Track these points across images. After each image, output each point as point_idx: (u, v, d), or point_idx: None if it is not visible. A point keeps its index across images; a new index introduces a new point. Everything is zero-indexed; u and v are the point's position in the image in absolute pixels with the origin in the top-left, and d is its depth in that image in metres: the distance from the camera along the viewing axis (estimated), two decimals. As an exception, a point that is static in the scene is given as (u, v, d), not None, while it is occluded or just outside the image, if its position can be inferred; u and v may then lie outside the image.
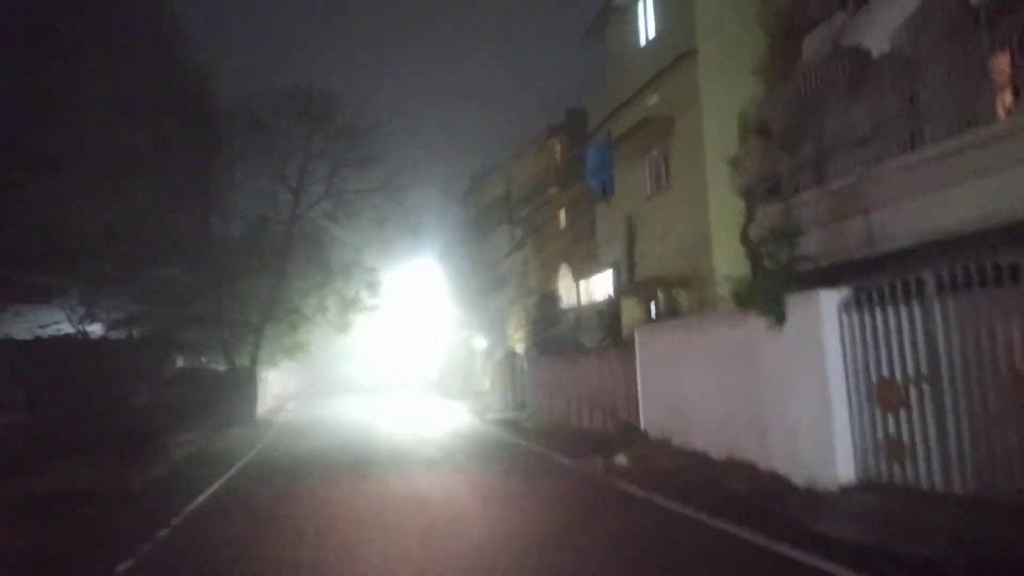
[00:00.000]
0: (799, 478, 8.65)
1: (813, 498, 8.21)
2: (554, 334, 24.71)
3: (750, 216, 14.15)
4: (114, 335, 27.06)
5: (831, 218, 10.67)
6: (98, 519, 9.53)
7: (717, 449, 10.48)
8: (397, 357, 49.23)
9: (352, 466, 13.83)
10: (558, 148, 32.54)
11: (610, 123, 18.44)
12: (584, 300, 27.94)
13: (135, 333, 26.91)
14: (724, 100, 14.71)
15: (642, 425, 13.09)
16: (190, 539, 8.29)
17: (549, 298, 26.34)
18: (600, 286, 26.54)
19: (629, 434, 13.45)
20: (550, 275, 32.17)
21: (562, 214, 31.61)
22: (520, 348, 30.25)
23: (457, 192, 42.47)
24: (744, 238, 14.08)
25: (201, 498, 10.63)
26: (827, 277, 9.37)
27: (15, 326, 25.98)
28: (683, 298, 14.61)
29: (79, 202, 26.07)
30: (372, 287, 27.98)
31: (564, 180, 30.39)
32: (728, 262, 14.11)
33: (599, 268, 26.42)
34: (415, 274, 39.96)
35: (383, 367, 50.51)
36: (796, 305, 8.81)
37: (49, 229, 25.47)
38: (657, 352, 12.83)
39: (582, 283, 28.31)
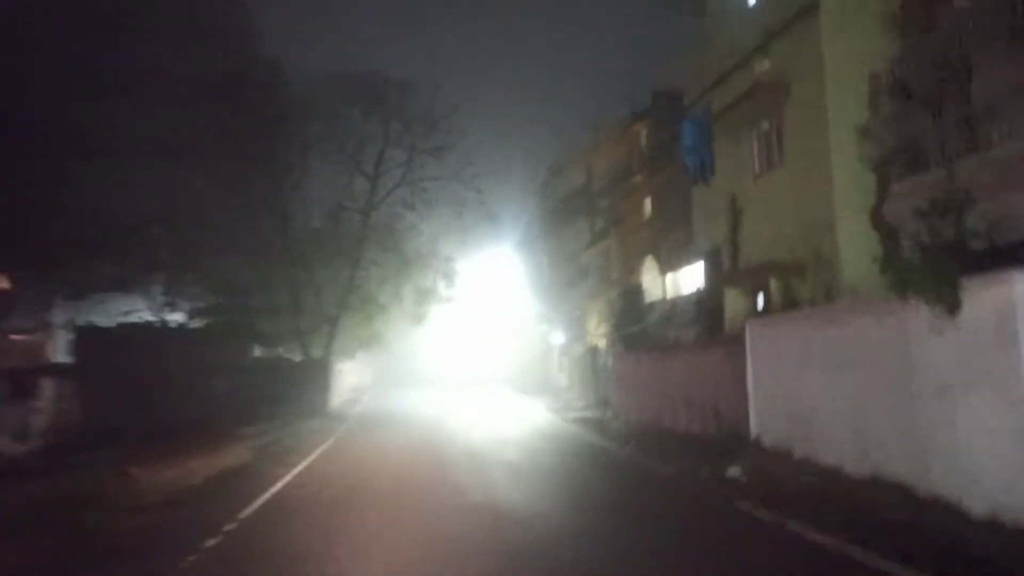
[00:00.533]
0: (977, 507, 6.87)
1: (1001, 534, 6.45)
2: (640, 329, 23.07)
3: (884, 191, 12.23)
4: (194, 324, 27.04)
5: (996, 188, 8.79)
6: (154, 521, 8.65)
7: (855, 465, 8.73)
8: (471, 351, 48.34)
9: (427, 467, 12.70)
10: (643, 134, 30.71)
11: (710, 96, 16.67)
12: (671, 293, 26.15)
13: (214, 322, 26.79)
14: (848, 61, 12.80)
15: (753, 432, 11.39)
16: (241, 548, 7.21)
17: (634, 291, 24.67)
18: (690, 279, 24.70)
19: (737, 442, 11.77)
20: (634, 267, 30.44)
21: (647, 203, 29.79)
22: (602, 344, 28.69)
23: (535, 183, 41.14)
24: (876, 217, 12.17)
25: (260, 501, 9.64)
26: (1004, 257, 7.55)
27: (98, 313, 26.30)
28: (800, 287, 12.77)
29: (156, 191, 26.17)
30: (448, 277, 26.98)
31: (650, 167, 28.60)
32: (854, 246, 12.24)
33: (689, 259, 24.59)
34: (492, 265, 38.86)
35: (457, 361, 49.75)
36: (976, 290, 7.01)
37: (130, 218, 25.62)
38: (774, 348, 11.11)
39: (669, 275, 26.53)
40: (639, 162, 30.65)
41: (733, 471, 9.64)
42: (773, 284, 13.54)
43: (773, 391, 11.06)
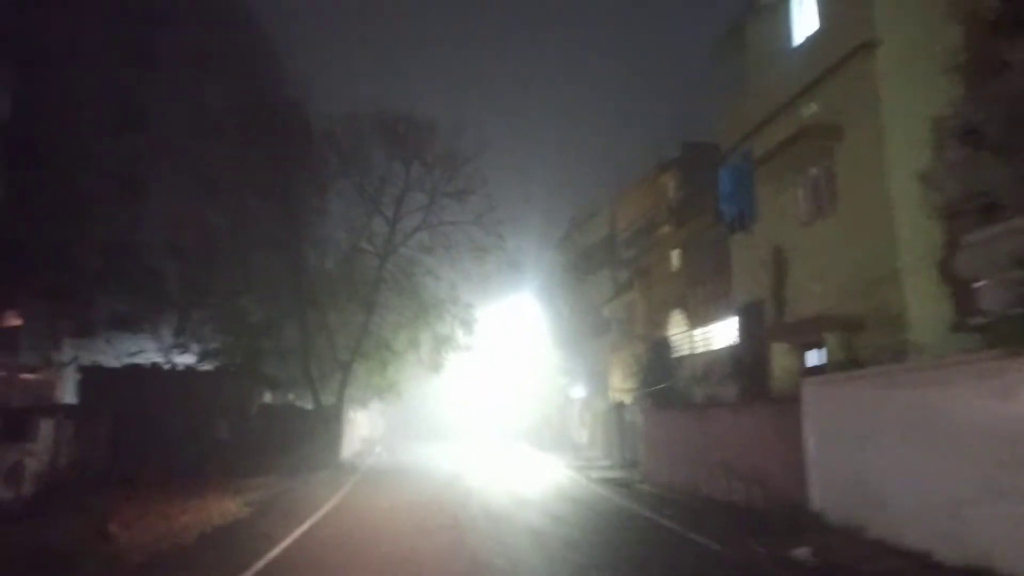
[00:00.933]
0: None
1: None
2: (669, 385, 21.84)
3: (953, 242, 11.19)
4: (203, 367, 26.14)
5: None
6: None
7: (949, 550, 7.48)
8: (487, 403, 46.92)
9: (442, 531, 11.47)
10: (671, 185, 30.03)
11: (750, 141, 15.85)
12: (700, 349, 24.98)
13: (222, 365, 25.88)
14: (908, 103, 11.94)
15: (815, 505, 10.13)
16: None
17: (663, 345, 23.51)
18: (722, 334, 23.59)
19: (790, 515, 10.49)
20: (659, 321, 29.34)
21: (675, 255, 28.84)
22: (626, 399, 27.40)
23: (556, 234, 40.45)
24: (946, 270, 11.11)
25: (254, 569, 8.46)
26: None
27: (106, 353, 25.49)
28: (860, 343, 11.62)
29: (169, 225, 25.61)
30: (467, 324, 25.92)
31: (678, 218, 27.78)
32: (920, 300, 11.14)
33: (720, 314, 23.51)
34: (511, 315, 37.83)
35: (472, 413, 48.31)
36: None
37: (142, 252, 25.04)
38: (837, 411, 9.93)
39: (698, 330, 25.40)
40: (667, 214, 29.84)
41: (800, 552, 8.36)
42: (831, 340, 12.38)
43: (838, 459, 9.83)
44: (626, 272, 35.30)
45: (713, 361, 20.50)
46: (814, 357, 13.60)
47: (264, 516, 13.23)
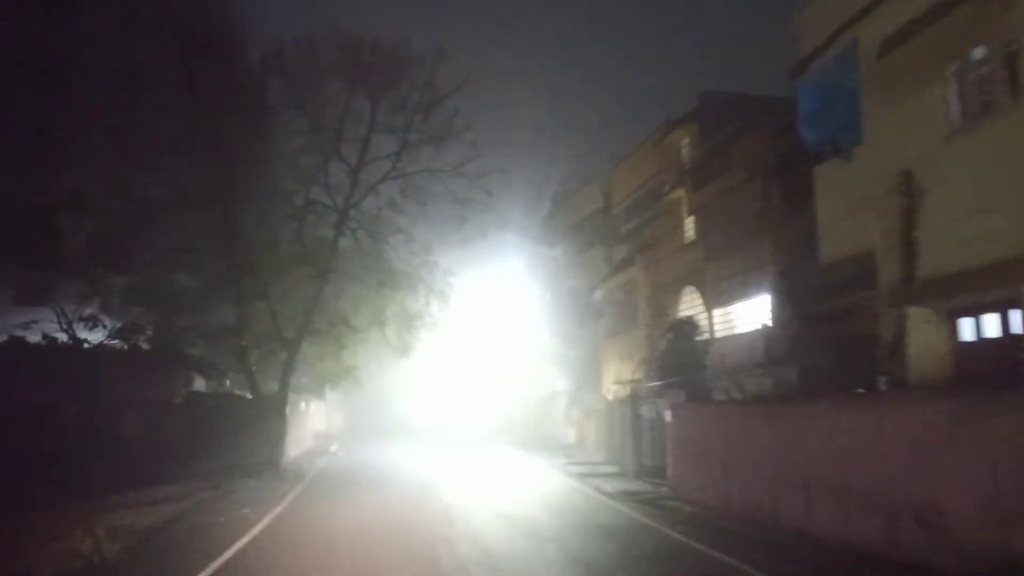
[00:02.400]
0: None
1: None
2: (696, 375, 17.51)
3: None
4: (114, 345, 21.06)
5: None
6: None
7: None
8: (460, 396, 42.10)
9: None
10: (684, 142, 25.73)
11: (853, 33, 11.46)
12: (721, 331, 20.74)
13: (138, 344, 20.85)
14: None
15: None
16: None
17: (687, 326, 19.13)
18: (749, 314, 19.40)
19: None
20: (667, 301, 25.00)
21: (688, 224, 24.61)
22: (627, 392, 23.01)
23: (543, 208, 35.83)
24: None
25: None
26: None
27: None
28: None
29: (68, 171, 20.30)
30: (443, 296, 21.12)
31: (695, 180, 23.51)
32: None
33: (751, 289, 19.32)
34: (493, 292, 33.09)
35: (443, 407, 43.42)
36: None
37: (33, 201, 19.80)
38: None
39: (718, 311, 21.14)
40: (677, 176, 25.55)
41: None
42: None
43: None
44: (624, 248, 30.98)
45: (767, 342, 16.20)
46: (969, 327, 9.28)
47: (135, 559, 8.46)
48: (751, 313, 19.46)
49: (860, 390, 10.66)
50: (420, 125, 20.10)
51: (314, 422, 27.81)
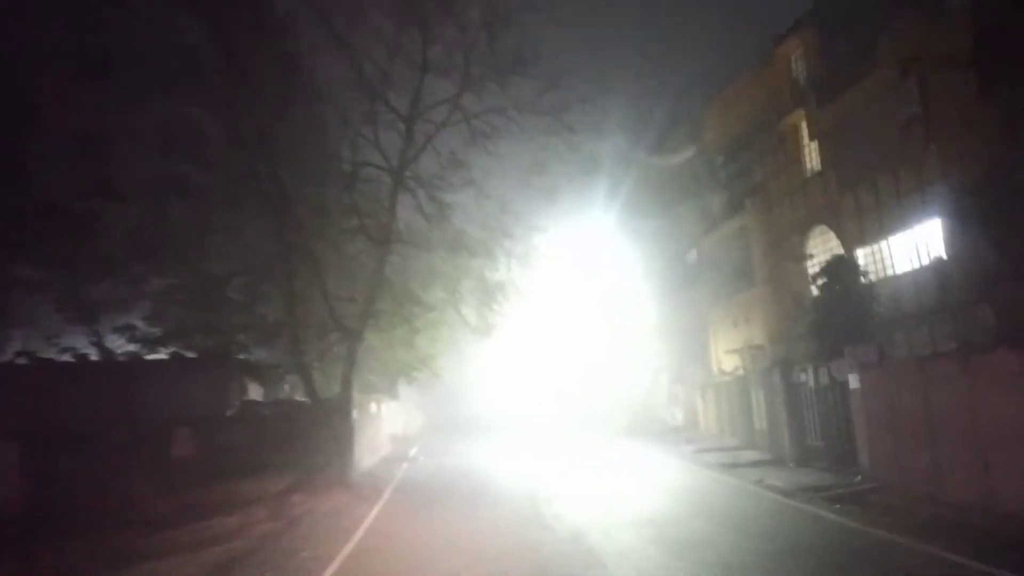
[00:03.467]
0: None
1: None
2: (865, 326, 13.34)
3: None
4: (154, 354, 18.41)
5: None
6: None
7: None
8: (547, 384, 38.33)
9: None
10: (796, 55, 21.35)
11: None
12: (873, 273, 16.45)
13: (181, 350, 18.10)
14: None
15: None
16: None
17: (844, 267, 14.92)
18: (910, 249, 15.18)
19: None
20: (791, 249, 20.71)
21: (810, 152, 20.33)
22: (748, 363, 18.91)
23: (628, 164, 31.53)
24: None
25: None
26: None
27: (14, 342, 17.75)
28: None
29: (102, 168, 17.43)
30: (526, 260, 17.33)
31: (819, 97, 19.18)
32: None
33: (907, 217, 15.11)
34: (579, 261, 29.16)
35: (529, 397, 39.74)
36: None
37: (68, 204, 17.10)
38: None
39: (862, 251, 16.82)
40: (793, 98, 21.20)
41: None
42: None
43: None
44: (724, 197, 26.68)
45: (935, 282, 12.03)
46: None
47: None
48: (912, 248, 15.34)
49: None
50: (481, 57, 16.43)
51: (389, 425, 24.68)
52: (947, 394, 8.99)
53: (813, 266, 17.53)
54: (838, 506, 9.63)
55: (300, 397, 19.81)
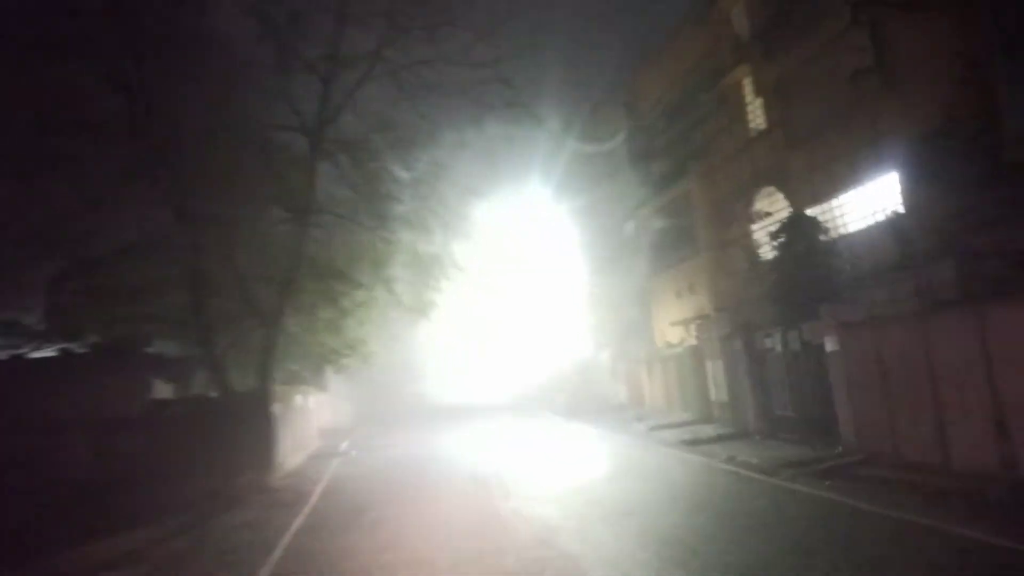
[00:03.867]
0: None
1: None
2: (829, 286, 12.44)
3: None
4: (40, 352, 16.16)
5: None
6: None
7: None
8: (487, 364, 36.90)
9: None
10: (736, 9, 20.41)
11: None
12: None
13: (79, 348, 15.95)
14: None
15: None
16: None
17: (806, 224, 14.00)
18: (862, 206, 14.53)
19: None
20: (737, 212, 19.88)
21: (754, 110, 19.52)
22: (682, 336, 17.99)
23: (565, 131, 30.17)
24: None
25: None
26: None
27: None
28: None
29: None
30: (463, 230, 15.68)
31: (766, 50, 18.28)
32: None
33: (875, 168, 14.39)
34: (520, 235, 27.72)
35: (469, 379, 38.18)
36: None
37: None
38: None
39: (813, 210, 16.01)
40: (733, 55, 20.27)
41: None
42: None
43: None
44: (662, 165, 25.72)
45: (891, 237, 11.27)
46: None
47: None
48: (867, 204, 14.72)
49: None
50: (407, 3, 14.64)
51: (318, 418, 22.77)
52: (955, 351, 8.04)
53: (768, 226, 16.62)
54: (828, 483, 8.60)
55: (216, 393, 17.76)
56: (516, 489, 11.37)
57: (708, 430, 14.93)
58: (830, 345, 10.47)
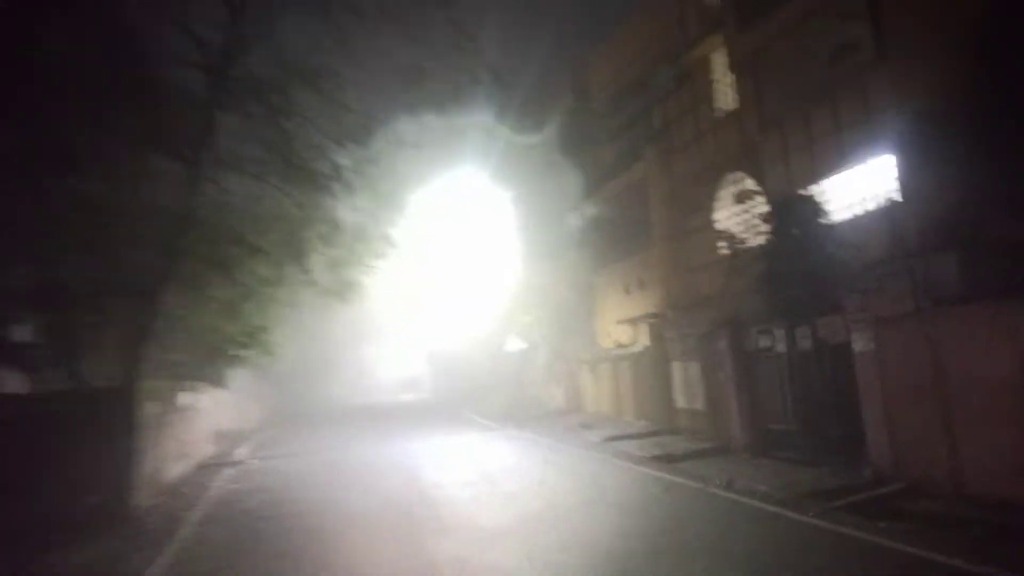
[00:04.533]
0: None
1: None
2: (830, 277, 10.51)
3: None
4: None
5: None
6: None
7: None
8: (410, 363, 34.05)
9: None
10: (705, -25, 18.52)
11: None
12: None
13: None
14: None
15: None
16: None
17: (803, 205, 12.01)
18: (849, 192, 12.86)
19: None
20: (699, 200, 17.96)
21: (722, 88, 17.70)
22: (632, 335, 15.93)
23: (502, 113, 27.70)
24: None
25: None
26: None
27: None
28: None
29: None
30: (392, 200, 12.97)
31: (738, 19, 16.41)
32: None
33: (865, 149, 12.72)
34: (460, 214, 25.03)
35: (389, 378, 35.18)
36: None
37: None
38: None
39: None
40: (699, 27, 18.41)
41: None
42: None
43: None
44: (612, 151, 23.67)
45: (885, 227, 9.46)
46: None
47: None
48: (856, 190, 13.04)
49: None
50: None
51: (213, 420, 19.49)
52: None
53: (750, 211, 14.68)
54: (883, 524, 6.48)
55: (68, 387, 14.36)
56: (454, 520, 8.82)
57: (677, 443, 12.76)
58: (860, 344, 8.42)
